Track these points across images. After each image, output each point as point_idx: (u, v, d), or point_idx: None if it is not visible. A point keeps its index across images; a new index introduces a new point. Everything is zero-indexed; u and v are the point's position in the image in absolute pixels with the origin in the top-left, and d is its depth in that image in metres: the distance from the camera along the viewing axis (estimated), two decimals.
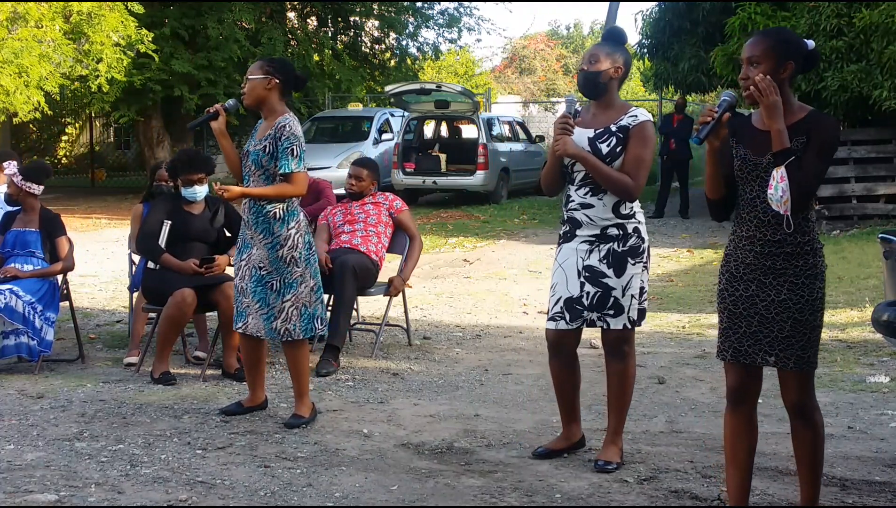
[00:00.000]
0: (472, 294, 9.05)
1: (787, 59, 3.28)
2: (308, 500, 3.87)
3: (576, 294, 4.17)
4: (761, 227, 3.34)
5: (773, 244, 3.31)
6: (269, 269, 4.86)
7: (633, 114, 4.19)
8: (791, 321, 3.29)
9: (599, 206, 4.16)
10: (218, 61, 18.72)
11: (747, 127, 3.42)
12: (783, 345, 3.31)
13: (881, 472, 4.19)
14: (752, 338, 3.36)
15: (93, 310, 8.33)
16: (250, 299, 4.91)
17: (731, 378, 3.46)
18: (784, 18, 12.87)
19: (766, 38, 3.34)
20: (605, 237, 4.16)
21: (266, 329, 4.90)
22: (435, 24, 24.28)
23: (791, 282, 3.30)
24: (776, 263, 3.31)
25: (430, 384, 5.81)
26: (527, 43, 46.26)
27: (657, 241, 12.93)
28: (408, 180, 17.00)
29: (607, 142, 4.14)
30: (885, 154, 13.30)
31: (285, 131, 4.80)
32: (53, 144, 28.89)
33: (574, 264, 4.19)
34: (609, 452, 4.24)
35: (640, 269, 4.22)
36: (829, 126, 3.29)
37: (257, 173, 4.86)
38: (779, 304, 3.30)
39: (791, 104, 3.33)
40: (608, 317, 4.17)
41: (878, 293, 6.76)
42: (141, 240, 6.13)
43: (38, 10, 13.99)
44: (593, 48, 4.25)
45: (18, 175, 6.22)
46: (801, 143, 3.25)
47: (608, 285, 4.16)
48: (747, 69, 3.32)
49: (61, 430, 4.81)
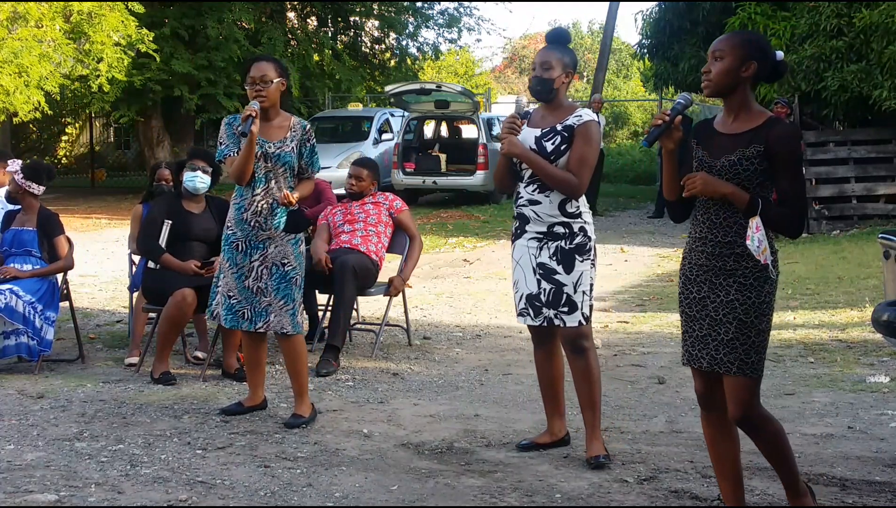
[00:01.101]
0: (472, 294, 9.05)
1: (750, 58, 3.30)
2: (308, 500, 3.87)
3: (534, 291, 4.30)
4: (713, 228, 3.35)
5: (724, 246, 3.32)
6: (295, 264, 4.90)
7: (578, 114, 4.31)
8: (736, 323, 3.28)
9: (546, 203, 4.26)
10: (218, 61, 18.72)
11: (708, 129, 3.44)
12: (727, 348, 3.29)
13: (881, 472, 4.19)
14: (701, 342, 3.36)
15: (93, 310, 8.34)
16: (272, 298, 4.88)
17: (696, 383, 3.47)
18: (784, 18, 12.88)
19: (733, 36, 3.38)
20: (552, 235, 4.27)
21: (292, 324, 4.90)
22: (435, 24, 24.29)
23: (740, 282, 3.29)
24: (727, 263, 3.31)
25: (430, 384, 5.81)
26: (527, 43, 46.28)
27: (657, 241, 12.94)
28: (408, 180, 17.00)
29: (552, 140, 4.26)
30: (885, 154, 13.30)
31: (308, 131, 4.93)
32: (53, 144, 28.90)
33: (529, 262, 4.32)
34: (594, 447, 4.29)
35: (589, 266, 4.30)
36: (788, 137, 3.28)
37: (285, 175, 4.86)
38: (726, 305, 3.30)
39: (749, 107, 3.35)
40: (563, 314, 4.26)
41: (878, 293, 6.76)
42: (141, 240, 6.13)
43: (38, 10, 13.99)
44: (545, 53, 4.35)
45: (20, 173, 6.22)
46: (758, 151, 3.26)
47: (560, 281, 4.26)
48: (710, 63, 3.35)
49: (61, 430, 4.81)
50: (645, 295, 8.85)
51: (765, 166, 3.27)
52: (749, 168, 3.27)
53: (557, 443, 4.50)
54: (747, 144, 3.28)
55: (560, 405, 4.52)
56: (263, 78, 4.79)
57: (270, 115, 4.89)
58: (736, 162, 3.28)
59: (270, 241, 4.87)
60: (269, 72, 4.81)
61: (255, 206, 4.86)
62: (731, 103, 3.36)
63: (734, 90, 3.33)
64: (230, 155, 4.87)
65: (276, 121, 4.90)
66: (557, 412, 4.52)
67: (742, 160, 3.27)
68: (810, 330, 7.13)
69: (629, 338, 7.04)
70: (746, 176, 3.27)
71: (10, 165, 6.35)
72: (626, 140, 31.74)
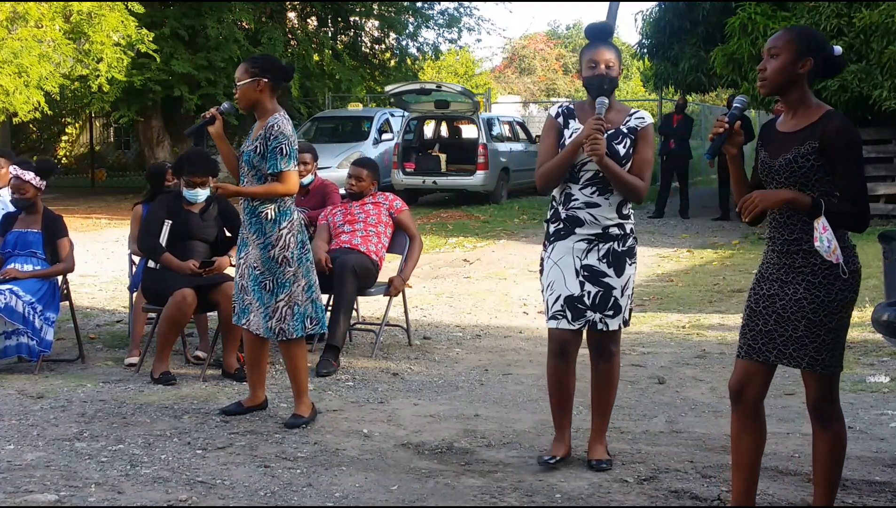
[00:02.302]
0: (472, 294, 9.05)
1: (806, 54, 3.25)
2: (308, 500, 3.87)
3: (576, 293, 4.16)
4: (779, 228, 3.34)
5: (790, 243, 3.30)
6: (262, 269, 4.89)
7: (639, 116, 4.24)
8: (805, 321, 3.27)
9: (605, 205, 4.17)
10: (218, 61, 18.72)
11: (771, 130, 3.42)
12: (796, 345, 3.29)
13: (881, 472, 4.19)
14: (766, 336, 3.35)
15: (93, 310, 8.33)
16: (251, 297, 4.95)
17: (734, 375, 3.46)
18: (784, 18, 12.87)
19: (788, 32, 3.33)
20: (606, 237, 4.17)
21: (263, 328, 4.93)
22: (435, 25, 24.30)
23: (808, 281, 3.27)
24: (795, 261, 3.30)
25: (430, 384, 5.81)
26: (526, 43, 46.28)
27: (657, 241, 12.94)
28: (408, 180, 17.00)
29: (623, 143, 4.17)
30: (885, 154, 13.31)
31: (273, 131, 4.83)
32: (53, 144, 28.91)
33: (571, 263, 4.18)
34: (598, 451, 4.27)
35: (634, 270, 4.26)
36: (843, 131, 3.22)
37: (250, 174, 4.89)
38: (795, 303, 3.29)
39: (808, 103, 3.31)
40: (608, 318, 4.18)
41: (878, 293, 6.76)
42: (142, 239, 6.13)
43: (38, 10, 13.99)
44: (604, 51, 4.20)
45: (36, 176, 6.19)
46: (814, 148, 3.22)
47: (609, 284, 4.16)
48: (766, 60, 3.31)
49: (61, 430, 4.81)
50: (645, 295, 8.85)
51: (821, 162, 3.23)
52: (805, 165, 3.24)
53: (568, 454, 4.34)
54: (802, 141, 3.25)
55: (570, 417, 4.37)
56: (237, 79, 4.91)
57: (258, 114, 4.93)
58: (792, 160, 3.25)
59: (247, 241, 4.96)
60: (239, 72, 4.89)
61: (241, 204, 5.03)
62: (789, 101, 3.33)
63: (791, 88, 3.29)
64: None
65: (262, 120, 4.92)
66: (569, 425, 4.36)
67: (798, 158, 3.24)
68: None
69: (629, 338, 7.03)
70: (803, 173, 3.24)
71: (25, 173, 6.22)
72: None
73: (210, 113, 5.00)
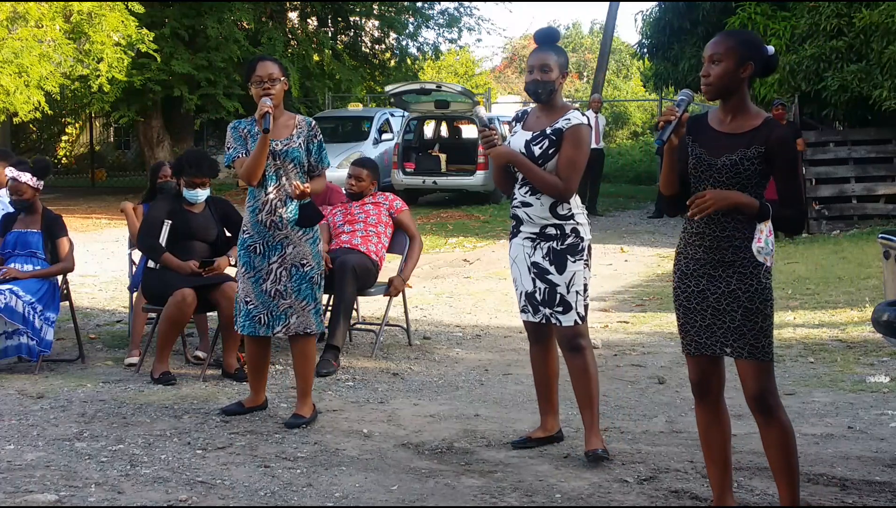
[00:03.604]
0: (472, 294, 9.05)
1: (748, 59, 3.34)
2: (308, 500, 3.87)
3: (530, 289, 4.35)
4: (711, 224, 3.40)
5: (722, 239, 3.38)
6: (313, 264, 4.92)
7: (567, 117, 4.32)
8: (742, 310, 3.35)
9: (537, 205, 4.30)
10: (218, 61, 18.73)
11: (704, 126, 3.47)
12: (736, 335, 3.37)
13: (881, 472, 4.19)
14: (707, 331, 3.43)
15: (93, 310, 8.34)
16: (292, 299, 4.89)
17: (692, 372, 3.53)
18: (784, 18, 12.88)
19: (729, 38, 3.40)
20: (545, 236, 4.31)
21: (317, 323, 4.95)
22: (435, 24, 24.31)
23: (739, 272, 3.35)
24: (725, 255, 3.37)
25: (430, 384, 5.81)
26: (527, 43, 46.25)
27: (657, 241, 12.94)
28: (408, 180, 17.00)
29: (540, 144, 4.29)
30: (885, 154, 13.30)
31: (317, 128, 4.98)
32: (53, 144, 28.89)
33: (524, 260, 4.37)
34: (592, 442, 4.31)
35: (582, 266, 4.31)
36: (788, 140, 3.36)
37: (295, 171, 4.88)
38: (729, 295, 3.37)
39: (748, 108, 3.40)
40: (558, 314, 4.30)
41: (878, 293, 6.76)
42: (142, 238, 6.13)
43: (38, 10, 13.99)
44: (542, 55, 4.33)
45: (33, 177, 6.19)
46: (759, 152, 3.31)
47: (553, 281, 4.29)
48: (708, 66, 3.38)
49: (61, 430, 4.81)
50: (645, 295, 8.85)
51: (763, 167, 3.33)
52: (749, 168, 3.32)
53: (550, 439, 4.53)
54: (748, 144, 3.33)
55: (554, 402, 4.56)
56: (271, 76, 4.82)
57: (276, 113, 4.90)
58: (738, 162, 3.33)
59: (287, 241, 4.88)
60: (275, 71, 4.85)
61: (269, 205, 4.86)
62: (729, 104, 3.40)
63: (734, 92, 3.37)
64: (239, 157, 4.89)
65: (282, 120, 4.93)
66: (551, 409, 4.56)
67: (743, 160, 3.32)
68: (810, 330, 7.13)
69: (629, 338, 7.04)
70: (746, 176, 3.33)
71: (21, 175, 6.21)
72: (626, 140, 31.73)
73: (269, 107, 4.67)
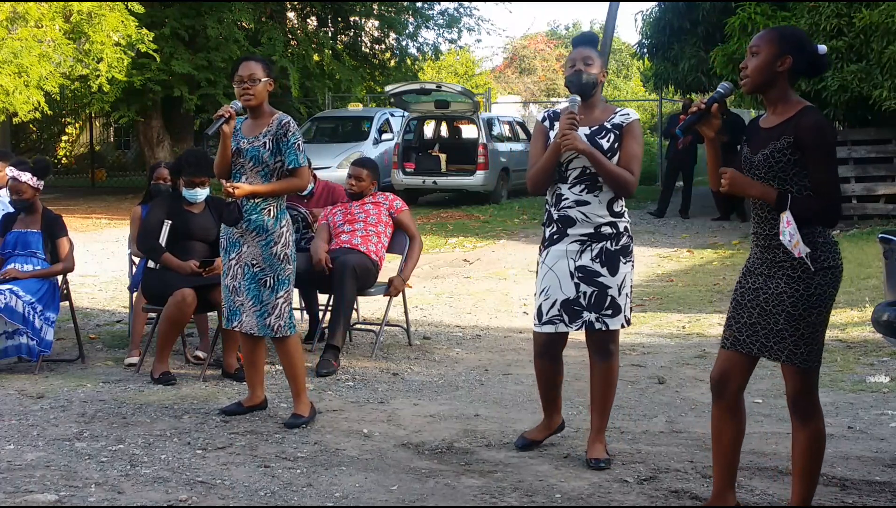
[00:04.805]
0: (472, 294, 9.05)
1: (786, 53, 3.31)
2: (308, 500, 3.87)
3: (572, 296, 4.21)
4: (761, 223, 3.40)
5: (771, 238, 3.36)
6: (263, 266, 4.88)
7: (624, 113, 4.31)
8: (784, 315, 3.32)
9: (595, 203, 4.21)
10: (218, 61, 18.71)
11: (755, 127, 3.47)
12: (777, 338, 3.35)
13: (881, 472, 4.19)
14: (750, 328, 3.41)
15: (93, 310, 8.34)
16: (244, 297, 4.93)
17: (716, 368, 3.52)
18: (784, 18, 12.86)
19: (770, 32, 3.39)
20: (599, 236, 4.20)
21: (259, 326, 4.92)
22: (435, 25, 24.27)
23: (788, 275, 3.32)
24: (776, 255, 3.35)
25: (430, 384, 5.81)
26: (527, 43, 46.26)
27: (657, 241, 12.93)
28: (408, 180, 16.99)
29: (606, 138, 4.21)
30: (885, 154, 13.29)
31: (290, 127, 4.88)
32: (53, 144, 28.87)
33: (566, 267, 4.21)
34: (597, 450, 4.29)
35: (630, 268, 4.28)
36: (816, 126, 3.26)
37: (255, 170, 4.87)
38: (776, 296, 3.34)
39: (788, 100, 3.36)
40: (606, 317, 4.20)
41: (878, 293, 6.76)
42: (142, 239, 6.13)
43: (38, 10, 13.98)
44: (584, 50, 4.30)
45: (34, 177, 6.19)
46: (789, 143, 3.27)
47: (604, 284, 4.19)
48: (748, 59, 3.37)
49: (61, 430, 4.81)
50: (645, 295, 8.85)
51: (797, 157, 3.27)
52: (782, 160, 3.29)
53: (555, 432, 4.54)
54: (779, 136, 3.30)
55: (559, 404, 4.54)
56: (252, 77, 4.84)
57: (257, 113, 4.92)
58: (769, 155, 3.31)
59: (243, 240, 4.91)
60: (257, 71, 4.85)
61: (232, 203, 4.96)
62: (769, 98, 3.38)
63: (771, 85, 3.34)
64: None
65: (261, 119, 4.94)
66: (556, 410, 4.54)
67: (774, 153, 3.30)
68: None
69: (629, 338, 7.03)
70: (780, 168, 3.29)
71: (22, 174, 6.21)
72: None
73: (227, 112, 4.83)
